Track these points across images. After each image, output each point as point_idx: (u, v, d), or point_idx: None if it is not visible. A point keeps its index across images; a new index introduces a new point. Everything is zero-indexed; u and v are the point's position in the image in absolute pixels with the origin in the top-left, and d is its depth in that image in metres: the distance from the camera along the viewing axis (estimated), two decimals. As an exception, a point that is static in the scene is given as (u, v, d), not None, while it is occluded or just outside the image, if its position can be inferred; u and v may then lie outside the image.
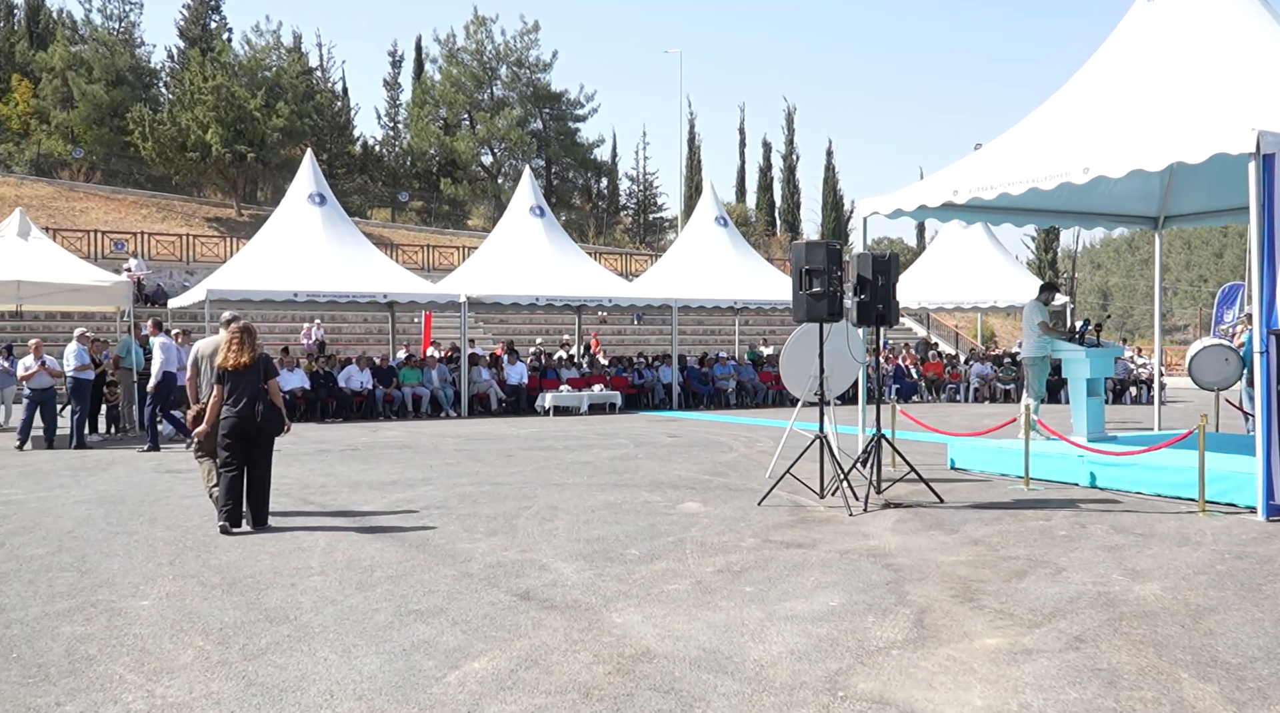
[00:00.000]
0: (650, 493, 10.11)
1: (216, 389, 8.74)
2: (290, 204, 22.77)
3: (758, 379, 24.67)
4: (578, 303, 23.65)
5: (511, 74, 57.07)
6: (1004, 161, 10.74)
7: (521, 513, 8.96)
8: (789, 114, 66.86)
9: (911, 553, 7.13)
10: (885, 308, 9.38)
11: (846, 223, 65.25)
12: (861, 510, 8.87)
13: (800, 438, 11.28)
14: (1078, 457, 10.47)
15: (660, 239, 61.63)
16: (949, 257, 27.59)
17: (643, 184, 61.81)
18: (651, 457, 13.38)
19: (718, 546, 7.44)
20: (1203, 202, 13.69)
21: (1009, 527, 8.13)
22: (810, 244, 9.19)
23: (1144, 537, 7.68)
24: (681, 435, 16.43)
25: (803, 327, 11.03)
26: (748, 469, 12.01)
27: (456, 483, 10.94)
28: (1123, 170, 9.26)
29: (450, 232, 50.56)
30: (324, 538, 7.86)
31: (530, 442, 15.60)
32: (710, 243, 26.45)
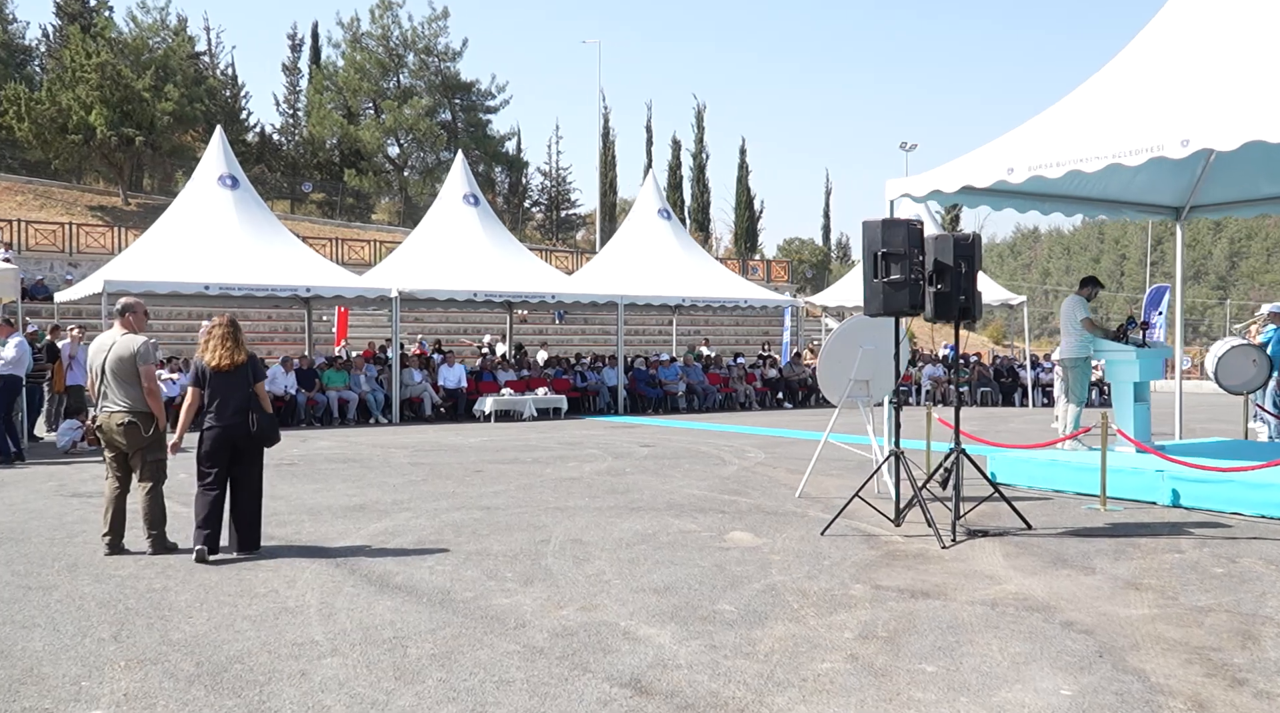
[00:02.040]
0: (678, 519, 8.52)
1: (192, 394, 7.05)
2: (198, 187, 20.45)
3: (707, 381, 23.22)
4: (519, 299, 21.86)
5: (419, 62, 54.63)
6: (1065, 137, 9.44)
7: (542, 549, 7.27)
8: (699, 112, 65.93)
9: (1074, 604, 5.69)
10: (969, 300, 7.95)
11: (758, 222, 64.60)
12: (952, 541, 7.43)
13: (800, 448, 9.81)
14: (1155, 472, 9.23)
15: (572, 236, 59.95)
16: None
17: (555, 179, 59.98)
18: (641, 471, 11.76)
19: (824, 597, 5.89)
20: (1232, 192, 12.70)
21: (1147, 563, 6.77)
22: (889, 222, 7.70)
23: (1320, 574, 6.40)
24: (656, 445, 14.84)
25: (848, 322, 9.56)
26: (764, 486, 10.49)
27: (438, 508, 9.16)
28: (1236, 142, 8.01)
29: (357, 225, 47.97)
30: (311, 591, 6.05)
31: (490, 453, 13.82)
32: (654, 236, 24.91)
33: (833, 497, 9.67)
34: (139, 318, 7.57)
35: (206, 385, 7.22)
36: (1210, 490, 8.84)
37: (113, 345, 7.32)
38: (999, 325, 54.07)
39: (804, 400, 24.48)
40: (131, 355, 7.26)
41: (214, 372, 7.20)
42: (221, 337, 7.28)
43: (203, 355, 7.32)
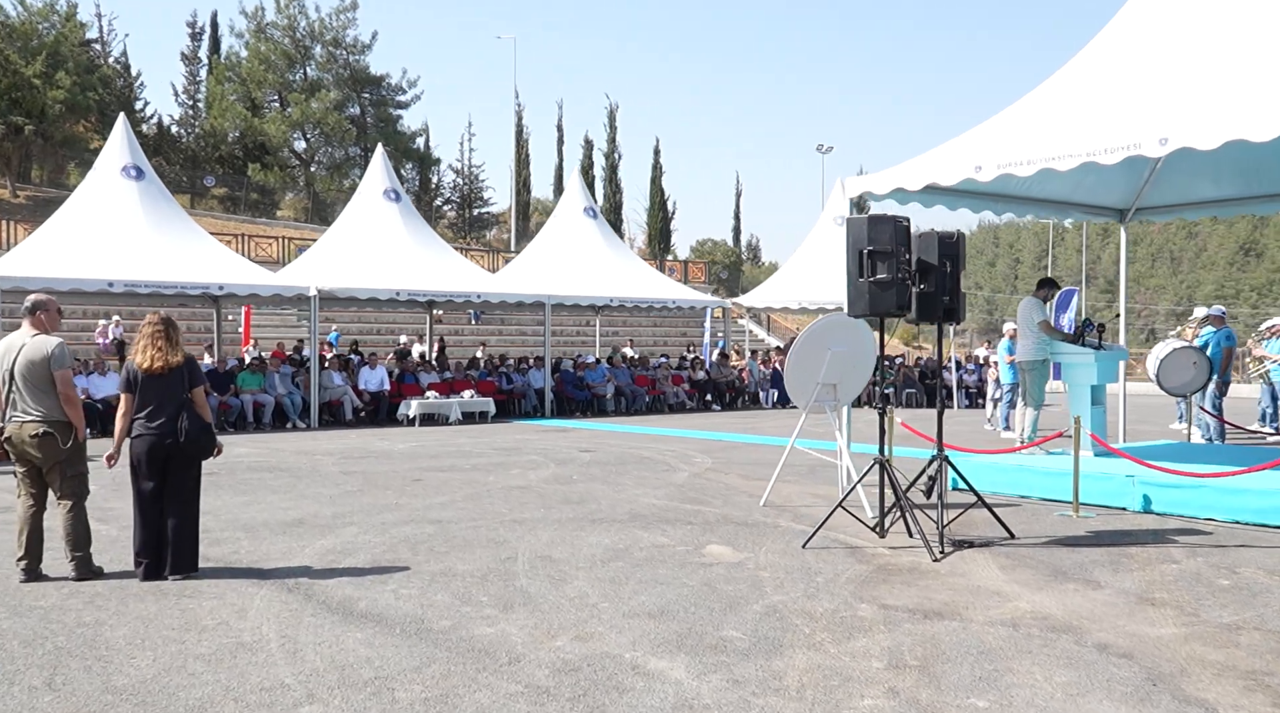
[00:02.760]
0: (646, 531, 8.04)
1: (124, 400, 6.35)
2: (99, 178, 19.22)
3: (634, 383, 22.76)
4: (444, 298, 21.10)
5: (327, 54, 53.08)
6: (1036, 134, 9.22)
7: (511, 568, 6.72)
8: (611, 112, 65.42)
9: (1098, 623, 5.37)
10: (953, 301, 7.63)
11: (671, 222, 64.38)
12: (941, 553, 7.09)
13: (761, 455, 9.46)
14: (1126, 478, 9.06)
15: (484, 235, 58.97)
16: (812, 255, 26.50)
17: (468, 177, 58.90)
18: (590, 479, 11.24)
19: (833, 619, 5.48)
20: (1174, 194, 12.72)
21: (1148, 575, 6.52)
22: (875, 219, 7.34)
23: (1326, 585, 6.21)
24: (596, 450, 14.32)
25: (817, 323, 9.19)
26: (723, 494, 10.07)
27: (385, 522, 8.52)
28: (1217, 141, 7.85)
29: (263, 221, 46.34)
30: (267, 621, 5.41)
31: (425, 460, 13.15)
32: (580, 235, 24.36)
33: (798, 505, 9.30)
34: (51, 317, 6.79)
35: (138, 390, 6.52)
36: (1183, 496, 8.69)
37: (22, 348, 6.54)
38: (909, 327, 54.79)
39: (732, 402, 24.21)
40: (44, 359, 6.50)
41: (145, 375, 6.51)
42: (153, 336, 6.59)
43: (134, 357, 6.62)
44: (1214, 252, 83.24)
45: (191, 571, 6.48)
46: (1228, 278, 78.37)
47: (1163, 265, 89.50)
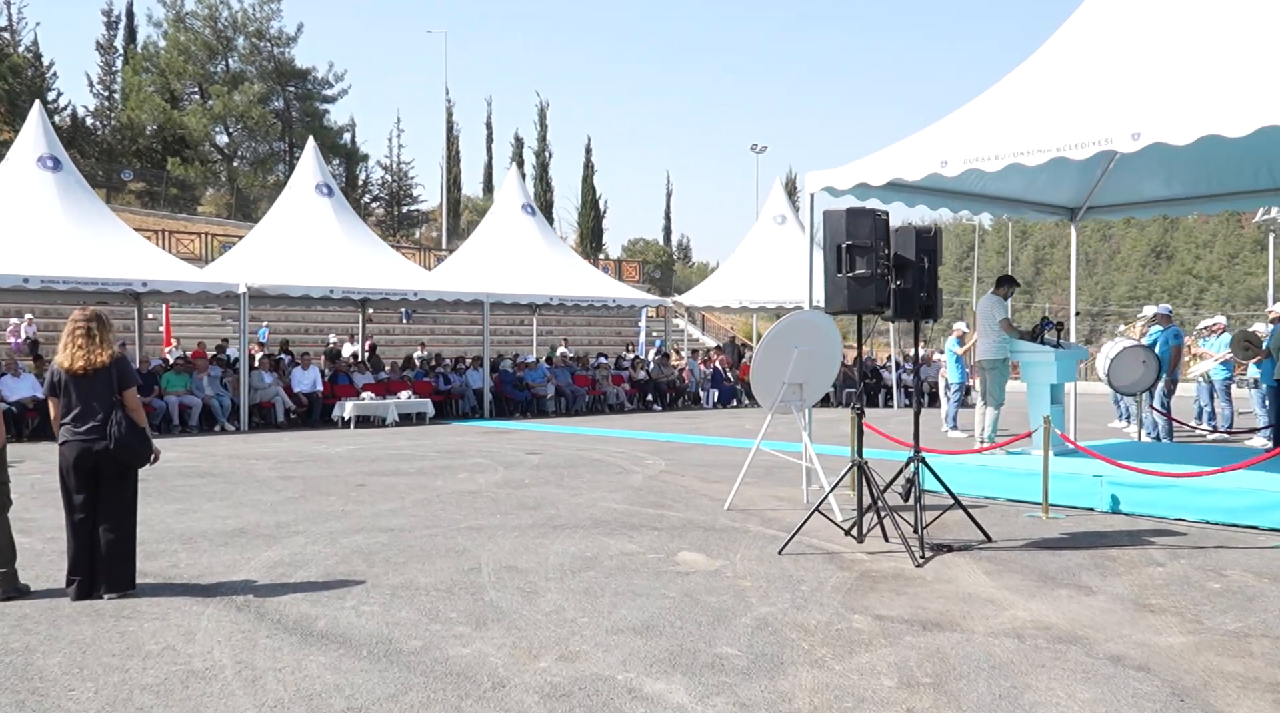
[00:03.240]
0: (612, 538, 7.68)
1: (52, 405, 5.82)
2: (12, 169, 18.25)
3: (575, 383, 22.36)
4: (379, 296, 20.47)
5: (250, 46, 51.66)
6: (1004, 127, 9.06)
7: (477, 580, 6.32)
8: (542, 109, 64.93)
9: (1102, 632, 5.16)
10: (930, 297, 7.40)
11: (602, 221, 64.01)
12: (923, 558, 6.85)
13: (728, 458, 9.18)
14: (1093, 478, 8.95)
15: (413, 233, 57.97)
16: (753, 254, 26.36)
17: (396, 174, 57.84)
18: (543, 482, 10.85)
19: (829, 633, 5.18)
20: (1124, 193, 12.73)
21: (1136, 579, 6.35)
22: (854, 212, 7.08)
23: (1317, 587, 6.10)
24: (543, 453, 13.91)
25: (783, 321, 8.91)
26: (683, 497, 9.76)
27: (333, 531, 8.04)
28: (1191, 136, 7.74)
29: (184, 217, 44.93)
30: (219, 645, 4.95)
31: (366, 464, 12.63)
32: (518, 232, 23.89)
33: (763, 508, 9.02)
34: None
35: (61, 392, 5.99)
36: (1151, 496, 8.59)
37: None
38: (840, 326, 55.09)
39: (673, 402, 23.94)
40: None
41: (69, 375, 5.97)
42: (73, 332, 6.04)
43: (57, 356, 6.09)
44: (1127, 254, 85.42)
45: (128, 588, 5.97)
46: (1140, 279, 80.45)
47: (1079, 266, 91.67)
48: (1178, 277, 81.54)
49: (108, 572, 5.91)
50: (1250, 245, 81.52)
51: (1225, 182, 11.87)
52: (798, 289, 24.89)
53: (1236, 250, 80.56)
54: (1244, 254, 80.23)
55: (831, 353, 9.08)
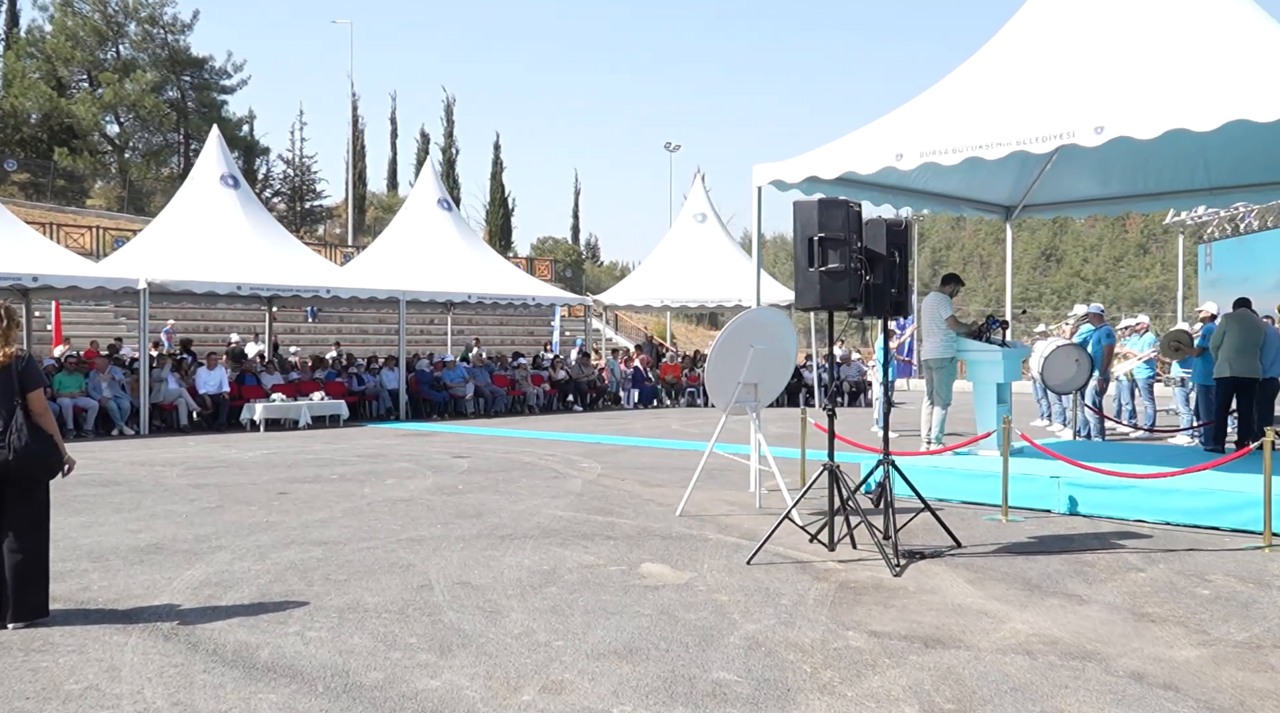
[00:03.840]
0: (565, 549, 7.21)
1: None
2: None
3: (494, 383, 21.73)
4: (289, 292, 19.57)
5: (143, 33, 49.49)
6: (961, 120, 8.84)
7: (431, 599, 5.79)
8: (448, 105, 63.84)
9: (1111, 646, 4.89)
10: (901, 293, 7.11)
11: (511, 219, 63.18)
12: (899, 566, 6.54)
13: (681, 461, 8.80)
14: (1050, 479, 8.78)
15: (316, 230, 56.34)
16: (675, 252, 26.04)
17: (299, 168, 56.13)
18: (478, 488, 10.30)
19: (827, 652, 4.81)
20: (1060, 192, 12.71)
21: (1123, 586, 6.13)
22: (826, 203, 6.72)
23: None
24: (471, 456, 13.33)
25: (739, 319, 8.54)
26: (630, 503, 9.32)
27: (260, 545, 7.40)
28: (1157, 130, 7.60)
29: (72, 210, 42.82)
30: (149, 683, 4.35)
31: (283, 470, 11.90)
32: (434, 228, 23.14)
33: (716, 514, 8.65)
34: None
35: (-39, 396, 5.30)
36: (1110, 498, 8.45)
37: None
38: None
39: (593, 403, 23.47)
40: None
41: (-33, 377, 5.29)
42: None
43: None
44: (1019, 256, 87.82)
45: (39, 616, 5.30)
46: (1031, 281, 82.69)
47: (974, 268, 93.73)
48: (1066, 278, 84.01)
49: (16, 599, 5.23)
50: (1134, 249, 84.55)
51: (1160, 181, 11.92)
52: (721, 287, 24.72)
53: (1121, 253, 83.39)
54: (1128, 257, 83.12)
55: (787, 352, 8.75)
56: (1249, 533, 7.61)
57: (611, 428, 17.89)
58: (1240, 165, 11.20)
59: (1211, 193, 11.69)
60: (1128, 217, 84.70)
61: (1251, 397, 10.69)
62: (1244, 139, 10.14)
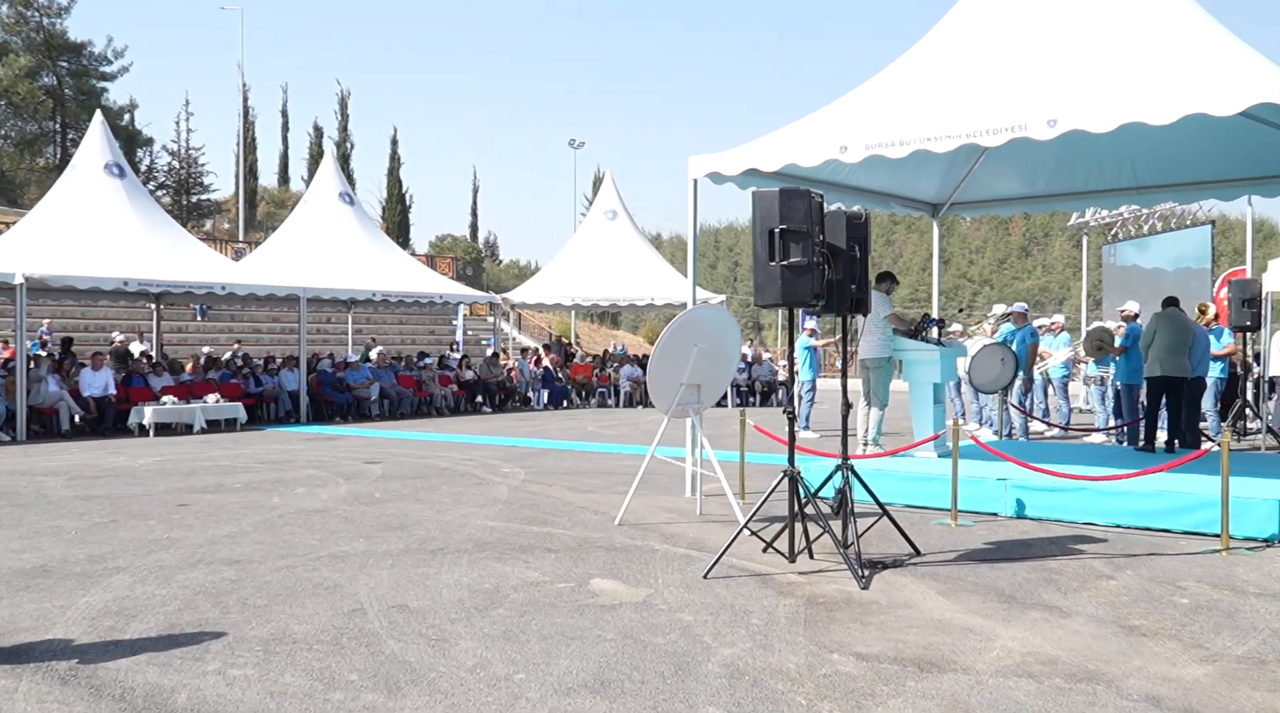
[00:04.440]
0: (504, 563, 6.68)
1: None
2: None
3: (399, 384, 20.93)
4: (181, 289, 18.47)
5: (15, 15, 46.85)
6: (908, 111, 8.57)
7: (366, 626, 5.21)
8: (343, 98, 62.22)
9: (1114, 665, 4.59)
10: (862, 291, 6.76)
11: (409, 216, 61.81)
12: (865, 579, 6.18)
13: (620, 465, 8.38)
14: (997, 481, 8.57)
15: (204, 224, 54.19)
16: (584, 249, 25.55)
17: (185, 160, 53.88)
18: (397, 497, 9.67)
19: (816, 679, 4.40)
20: (987, 190, 12.62)
21: (1098, 595, 5.87)
22: (788, 193, 6.33)
23: (1264, 596, 5.77)
24: (385, 462, 12.63)
25: (682, 317, 8.10)
26: (563, 511, 8.81)
27: (163, 566, 6.68)
28: (1112, 124, 7.42)
29: (-63, 201, 40.25)
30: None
31: (180, 479, 11.05)
32: (335, 223, 22.21)
33: (655, 522, 8.20)
34: None
35: None
36: (1059, 501, 8.26)
37: None
38: (654, 325, 55.12)
39: (502, 404, 22.83)
40: None
41: None
42: None
43: None
44: (909, 258, 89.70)
45: (-93, 660, 4.57)
46: (920, 282, 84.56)
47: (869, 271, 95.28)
48: (953, 280, 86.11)
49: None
50: (1017, 252, 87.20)
51: (1087, 180, 11.90)
52: (633, 286, 24.31)
53: (1005, 256, 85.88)
54: (1011, 259, 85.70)
55: (730, 351, 8.35)
56: (1202, 535, 7.49)
57: (526, 430, 17.31)
58: (1167, 165, 11.23)
59: (1139, 192, 11.70)
60: (1009, 220, 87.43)
61: (1181, 396, 10.69)
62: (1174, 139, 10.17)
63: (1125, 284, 19.14)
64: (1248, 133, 9.65)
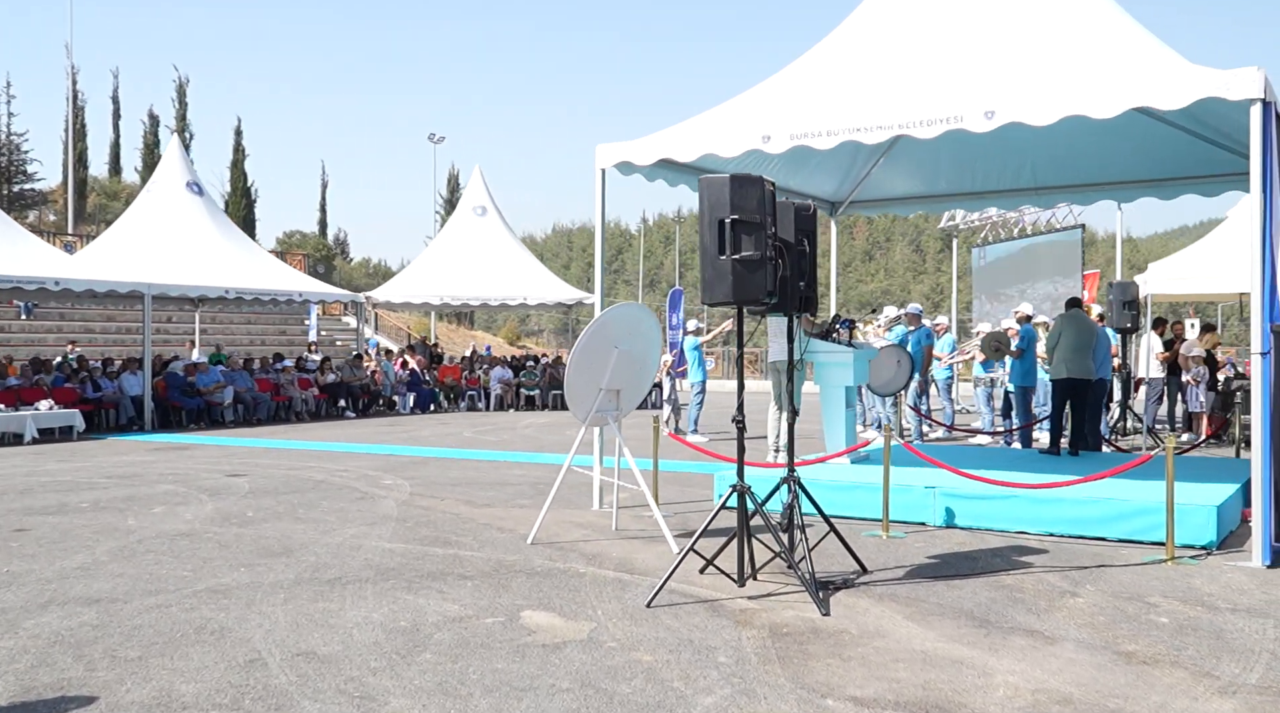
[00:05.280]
0: (416, 594, 5.90)
1: None
2: None
3: (256, 388, 19.54)
4: (9, 284, 16.68)
5: None
6: (836, 100, 8.13)
7: (270, 681, 4.37)
8: (180, 85, 58.92)
9: (1131, 702, 4.16)
10: (810, 288, 6.24)
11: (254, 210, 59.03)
12: (823, 603, 5.64)
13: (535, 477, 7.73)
14: (925, 489, 8.20)
15: (27, 216, 50.38)
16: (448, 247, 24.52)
17: (7, 147, 49.93)
18: (274, 515, 8.69)
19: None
20: (886, 189, 12.38)
21: (1070, 616, 5.49)
22: (739, 180, 5.73)
23: (1258, 615, 5.49)
24: (251, 474, 11.52)
25: (604, 316, 7.41)
26: (465, 529, 8.03)
27: (4, 607, 5.64)
28: (1054, 116, 7.11)
29: None
30: None
31: (15, 499, 9.77)
32: (182, 214, 20.59)
33: (571, 540, 7.52)
34: None
35: None
36: (990, 509, 7.94)
37: None
38: (512, 325, 54.11)
39: (367, 408, 21.63)
40: None
41: None
42: None
43: None
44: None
45: None
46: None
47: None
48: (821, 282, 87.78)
49: None
50: (860, 255, 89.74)
51: (986, 180, 11.77)
52: (506, 284, 23.44)
53: (850, 259, 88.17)
54: (855, 263, 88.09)
55: (651, 353, 7.73)
56: (1139, 543, 7.28)
57: (398, 437, 16.29)
58: (1064, 166, 11.17)
59: (1037, 193, 11.62)
60: (855, 223, 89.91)
61: (1085, 398, 10.61)
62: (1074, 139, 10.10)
63: (995, 287, 19.38)
64: (1134, 132, 9.67)
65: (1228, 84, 6.63)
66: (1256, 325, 6.62)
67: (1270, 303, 6.60)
